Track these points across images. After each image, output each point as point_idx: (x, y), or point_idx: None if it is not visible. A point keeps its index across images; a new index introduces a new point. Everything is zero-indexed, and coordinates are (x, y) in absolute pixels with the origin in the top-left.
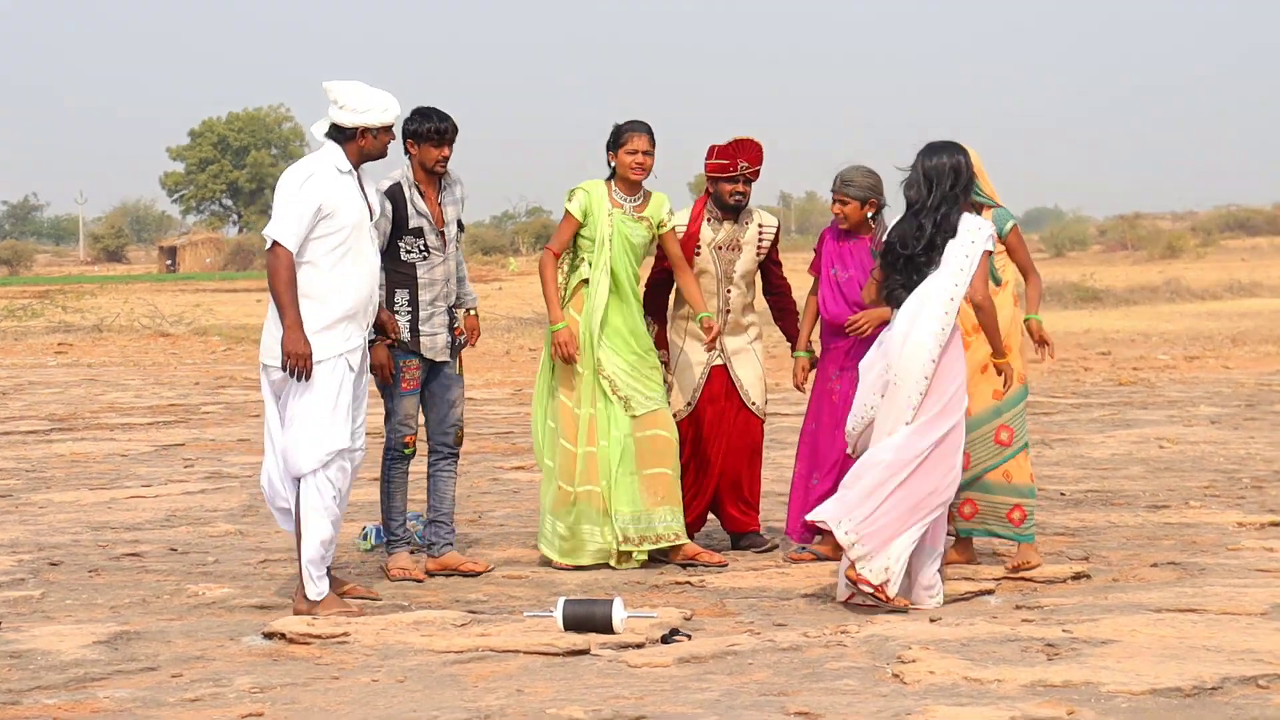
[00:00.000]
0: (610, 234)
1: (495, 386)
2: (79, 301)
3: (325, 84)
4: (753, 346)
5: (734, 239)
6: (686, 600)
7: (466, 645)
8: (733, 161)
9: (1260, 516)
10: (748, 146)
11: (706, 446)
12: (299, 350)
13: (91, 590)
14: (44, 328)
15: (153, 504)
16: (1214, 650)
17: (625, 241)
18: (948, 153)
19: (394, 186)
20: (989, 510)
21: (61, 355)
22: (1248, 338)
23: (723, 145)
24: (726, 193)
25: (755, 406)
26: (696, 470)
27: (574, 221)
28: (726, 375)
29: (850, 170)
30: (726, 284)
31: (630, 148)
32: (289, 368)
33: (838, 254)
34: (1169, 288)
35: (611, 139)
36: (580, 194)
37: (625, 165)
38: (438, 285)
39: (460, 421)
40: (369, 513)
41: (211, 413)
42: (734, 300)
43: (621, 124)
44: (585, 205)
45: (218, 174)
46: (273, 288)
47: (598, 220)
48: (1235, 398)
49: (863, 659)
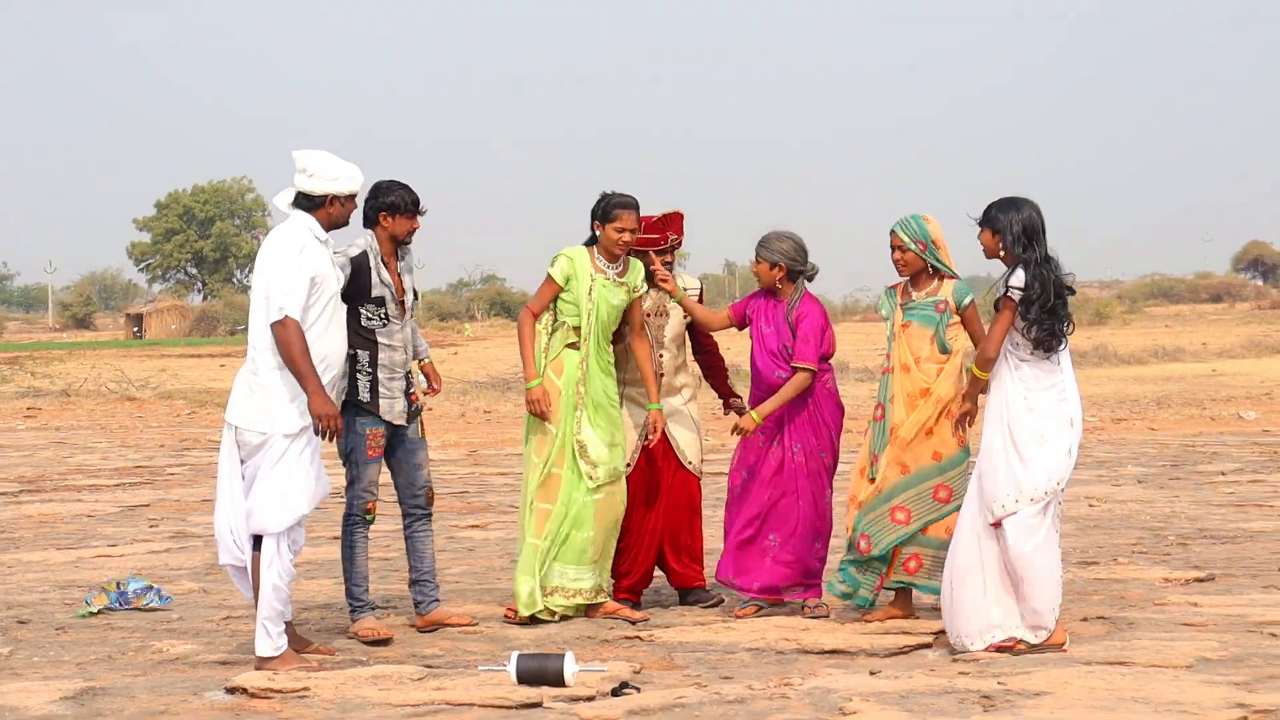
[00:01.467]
0: (595, 299)
1: (451, 448)
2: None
3: (294, 153)
4: (687, 408)
5: (661, 305)
6: (636, 654)
7: (423, 699)
8: (663, 235)
9: (1185, 572)
10: (674, 220)
11: (646, 505)
12: (328, 411)
13: (59, 647)
14: (13, 392)
15: (119, 563)
16: (1142, 702)
17: (607, 306)
18: (1028, 207)
19: (360, 255)
20: (933, 565)
21: (30, 419)
22: (1171, 400)
23: (653, 221)
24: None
25: (692, 466)
26: (637, 528)
27: (555, 286)
28: (664, 436)
29: (770, 233)
30: (658, 348)
31: (619, 225)
32: (320, 430)
33: (761, 311)
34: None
35: (601, 210)
36: (563, 260)
37: (612, 240)
38: (397, 351)
39: (429, 482)
40: (329, 570)
41: (176, 474)
42: (665, 363)
43: (613, 197)
44: (568, 272)
45: (183, 244)
46: (289, 357)
47: (580, 286)
48: (1160, 458)
49: (806, 711)
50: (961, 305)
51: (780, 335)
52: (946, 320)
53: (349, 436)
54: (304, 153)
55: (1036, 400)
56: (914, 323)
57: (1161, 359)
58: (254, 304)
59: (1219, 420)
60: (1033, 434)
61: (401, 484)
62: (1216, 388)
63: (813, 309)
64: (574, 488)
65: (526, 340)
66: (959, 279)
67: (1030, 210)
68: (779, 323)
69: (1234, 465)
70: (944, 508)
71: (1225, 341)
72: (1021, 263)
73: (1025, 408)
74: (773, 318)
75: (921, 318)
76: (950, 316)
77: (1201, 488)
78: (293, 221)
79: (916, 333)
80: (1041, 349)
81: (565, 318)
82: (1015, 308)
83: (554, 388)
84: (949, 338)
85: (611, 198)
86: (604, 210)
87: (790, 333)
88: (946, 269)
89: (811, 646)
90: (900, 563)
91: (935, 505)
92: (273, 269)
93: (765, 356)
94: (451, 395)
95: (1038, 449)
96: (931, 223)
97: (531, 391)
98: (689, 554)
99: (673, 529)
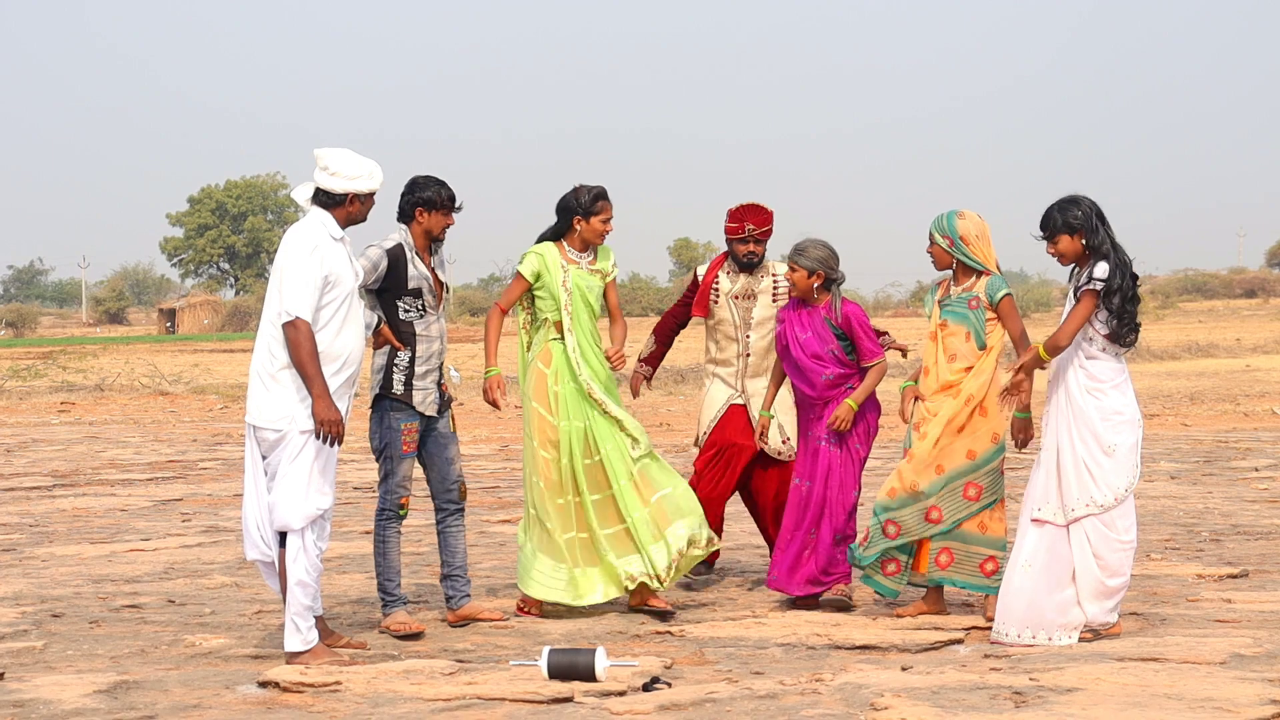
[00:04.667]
0: (570, 289)
1: (482, 443)
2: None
3: (316, 151)
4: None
5: (749, 289)
6: (667, 649)
7: (454, 693)
8: (740, 225)
9: (1218, 569)
10: (754, 211)
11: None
12: (331, 417)
13: (92, 641)
14: (48, 387)
15: (151, 557)
16: (1175, 698)
17: (583, 295)
18: (1084, 199)
19: (396, 248)
20: (964, 559)
21: (64, 414)
22: (1205, 396)
23: (734, 209)
24: (740, 253)
25: (769, 449)
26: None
27: (524, 283)
28: (745, 414)
29: (804, 242)
30: (745, 329)
31: (604, 216)
32: (322, 434)
33: (796, 319)
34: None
35: (582, 206)
36: (532, 257)
37: (598, 232)
38: (434, 342)
39: (461, 477)
40: (361, 565)
41: (209, 468)
42: (753, 344)
43: (590, 191)
44: (537, 268)
45: (215, 239)
46: (298, 359)
47: (554, 279)
48: (1194, 454)
49: (837, 706)
50: (995, 300)
51: (823, 339)
52: (982, 316)
53: (383, 432)
54: (326, 150)
55: (1107, 401)
56: (950, 321)
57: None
58: (268, 301)
59: (1252, 416)
60: (1106, 436)
61: (434, 479)
62: (1250, 383)
63: (856, 308)
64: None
65: (490, 332)
66: (995, 274)
67: (1090, 201)
68: (818, 327)
69: (1268, 461)
70: (973, 505)
71: (1259, 337)
72: (1102, 254)
73: (1096, 408)
74: (809, 323)
75: (957, 315)
76: (985, 312)
77: (1235, 484)
78: (309, 219)
79: (953, 330)
80: (1118, 342)
81: (545, 314)
82: (1097, 299)
83: (541, 375)
84: (986, 334)
85: (590, 191)
86: (585, 206)
87: (833, 335)
88: (980, 265)
89: (843, 642)
90: (932, 559)
91: (965, 504)
92: (285, 269)
93: (809, 360)
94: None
95: (1112, 451)
96: (966, 218)
97: (488, 380)
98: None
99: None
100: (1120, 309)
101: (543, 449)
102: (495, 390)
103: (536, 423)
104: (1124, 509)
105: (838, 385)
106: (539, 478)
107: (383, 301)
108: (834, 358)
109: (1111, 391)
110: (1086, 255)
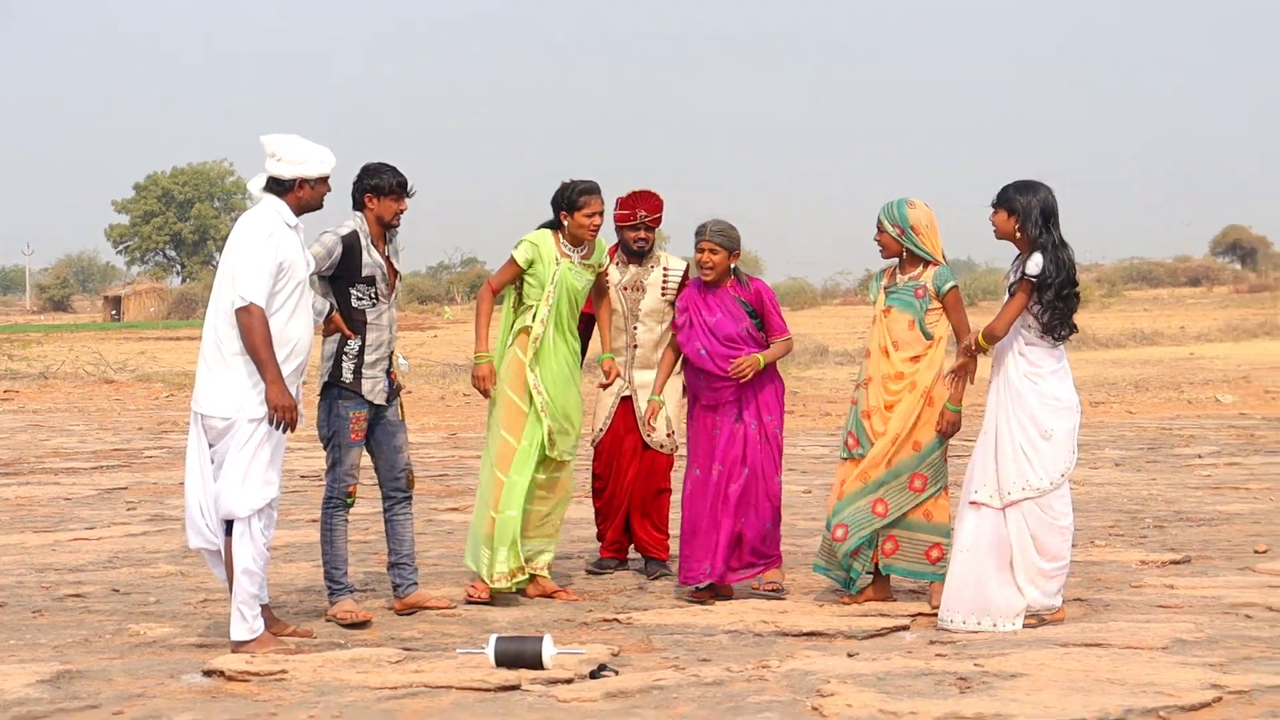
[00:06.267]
0: (558, 282)
1: (430, 431)
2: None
3: (262, 138)
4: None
5: (638, 280)
6: (614, 637)
7: (401, 682)
8: (632, 212)
9: (1161, 555)
10: (646, 197)
11: (616, 472)
12: (285, 402)
13: (35, 630)
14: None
15: (95, 546)
16: (1118, 683)
17: (570, 289)
18: (1044, 189)
19: (351, 235)
20: (910, 547)
21: (7, 402)
22: (1149, 384)
23: (624, 197)
24: (630, 239)
25: (651, 439)
26: (611, 492)
27: (516, 268)
28: (632, 408)
29: (716, 223)
30: (634, 321)
31: (588, 211)
32: (275, 421)
33: (702, 304)
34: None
35: (567, 200)
36: (527, 245)
37: (583, 228)
38: (384, 330)
39: (409, 465)
40: (308, 553)
41: (154, 456)
42: (641, 336)
43: (576, 185)
44: (530, 256)
45: (162, 226)
46: (251, 345)
47: (546, 270)
48: (1138, 441)
49: (784, 693)
50: (941, 291)
51: (736, 318)
52: (926, 305)
53: (331, 420)
54: (273, 137)
55: (1046, 386)
56: (894, 308)
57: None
58: (218, 288)
59: (1196, 404)
60: (1044, 421)
61: (381, 467)
62: (1194, 371)
63: (763, 284)
64: (540, 461)
65: (482, 314)
66: (942, 265)
67: (1046, 193)
68: (729, 307)
69: (1211, 448)
70: (918, 496)
71: (1203, 325)
72: (1039, 247)
73: (1034, 393)
74: (717, 305)
75: (902, 303)
76: (930, 302)
77: (1178, 470)
78: (263, 206)
79: (896, 317)
80: (1051, 335)
81: (531, 301)
82: (1031, 292)
83: (518, 361)
84: (929, 323)
85: (576, 186)
86: (570, 200)
87: (745, 313)
88: (928, 255)
89: (790, 629)
90: (877, 546)
91: (911, 495)
92: (239, 255)
93: (722, 345)
94: (430, 378)
95: (1050, 436)
96: (916, 208)
97: (479, 367)
98: (653, 524)
99: (639, 499)
100: (1052, 304)
101: (507, 432)
102: (487, 379)
103: (506, 407)
104: (1061, 493)
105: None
106: (494, 457)
107: (335, 288)
108: (749, 337)
109: (1050, 378)
110: (1019, 240)
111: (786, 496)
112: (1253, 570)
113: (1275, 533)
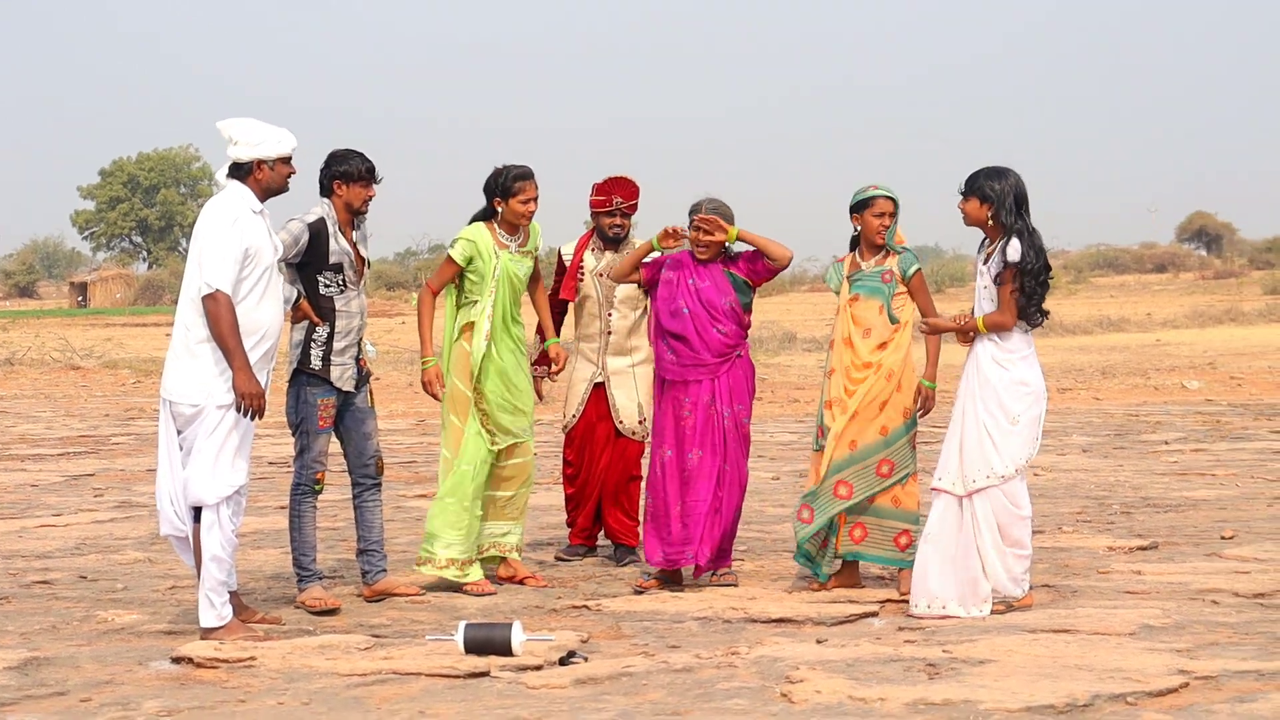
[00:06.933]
0: (500, 274)
1: (398, 417)
2: None
3: (219, 123)
4: (634, 370)
5: (612, 266)
6: (583, 624)
7: (370, 668)
8: (608, 198)
9: (1129, 541)
10: (623, 184)
11: (588, 459)
12: (253, 390)
13: (2, 618)
14: None
15: (63, 533)
16: (1085, 669)
17: (511, 279)
18: (1012, 175)
19: (318, 221)
20: (878, 534)
21: None
22: (1116, 370)
23: (600, 183)
24: (606, 225)
25: (623, 427)
26: (584, 480)
27: (455, 266)
28: (605, 395)
29: (715, 201)
30: (608, 307)
31: (523, 197)
32: (243, 408)
33: (694, 269)
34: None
35: (501, 186)
36: (464, 243)
37: (518, 213)
38: (353, 317)
39: (378, 452)
40: (276, 540)
41: (121, 443)
42: (615, 323)
43: (510, 171)
44: (469, 253)
45: (128, 212)
46: (218, 332)
47: (487, 264)
48: (1105, 427)
49: (753, 679)
50: (907, 275)
51: (722, 290)
52: (893, 290)
53: (300, 406)
54: (228, 121)
55: (1015, 372)
56: (862, 295)
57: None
58: (188, 275)
59: (1163, 390)
60: (1011, 406)
61: (350, 453)
62: (1160, 357)
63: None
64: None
65: (424, 318)
66: (907, 249)
67: (1016, 178)
68: (717, 278)
69: (1177, 434)
70: (885, 481)
71: (1169, 312)
72: (1015, 232)
73: (1002, 378)
74: (706, 274)
75: (870, 289)
76: (896, 286)
77: (1145, 457)
78: (227, 193)
79: (865, 304)
80: (1026, 320)
81: (474, 297)
82: (1014, 278)
83: (464, 352)
84: (896, 308)
85: (509, 171)
86: (505, 186)
87: (731, 288)
88: (895, 246)
89: (759, 615)
90: (846, 532)
91: (878, 480)
92: (204, 242)
93: (704, 312)
94: (399, 365)
95: (1016, 420)
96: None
97: (426, 372)
98: (623, 511)
99: (610, 485)
100: (1031, 289)
101: (454, 415)
102: (434, 384)
103: (452, 394)
104: (1021, 481)
105: (726, 354)
106: (446, 437)
107: (303, 276)
108: (731, 312)
109: (1020, 363)
110: (991, 228)
111: (754, 483)
112: (1219, 556)
113: (1242, 519)
